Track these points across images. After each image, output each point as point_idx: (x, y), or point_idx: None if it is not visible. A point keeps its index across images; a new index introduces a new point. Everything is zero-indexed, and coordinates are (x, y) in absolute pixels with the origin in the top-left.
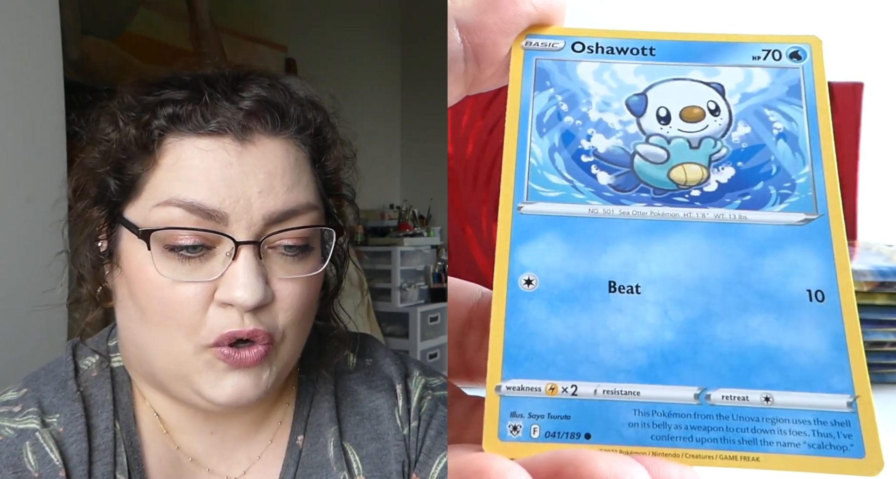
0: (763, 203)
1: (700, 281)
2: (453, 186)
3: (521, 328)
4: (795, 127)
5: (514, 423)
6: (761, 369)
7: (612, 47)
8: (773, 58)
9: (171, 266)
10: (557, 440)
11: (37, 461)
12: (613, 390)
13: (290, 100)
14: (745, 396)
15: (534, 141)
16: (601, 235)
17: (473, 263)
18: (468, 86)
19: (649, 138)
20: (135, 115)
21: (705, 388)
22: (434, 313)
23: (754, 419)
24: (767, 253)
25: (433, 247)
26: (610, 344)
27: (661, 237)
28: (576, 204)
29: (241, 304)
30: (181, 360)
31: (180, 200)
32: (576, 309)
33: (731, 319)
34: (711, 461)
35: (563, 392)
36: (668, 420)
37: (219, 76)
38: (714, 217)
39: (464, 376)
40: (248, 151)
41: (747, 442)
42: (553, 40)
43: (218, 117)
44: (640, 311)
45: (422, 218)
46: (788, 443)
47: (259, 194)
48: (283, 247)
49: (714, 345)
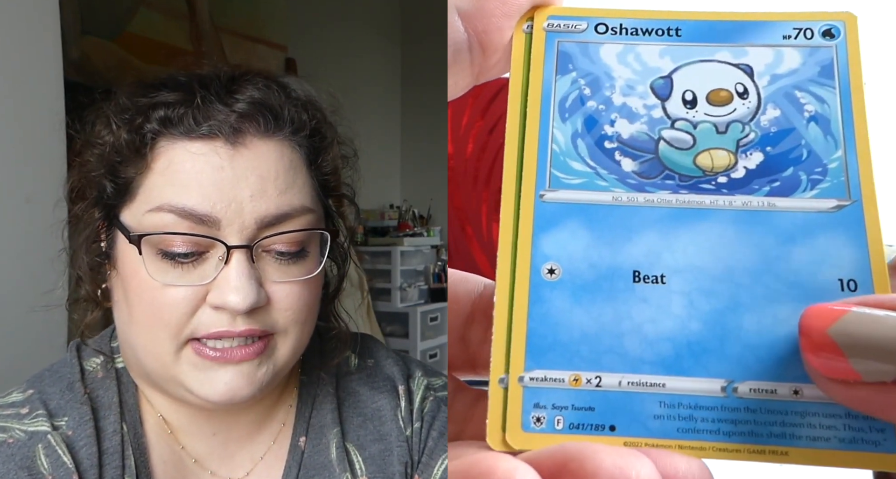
0: (793, 190)
1: (727, 271)
2: (453, 186)
3: (545, 319)
4: (828, 109)
5: (537, 414)
6: (790, 362)
7: (636, 28)
8: (804, 36)
9: (163, 270)
10: (581, 431)
11: (50, 464)
12: (638, 382)
13: (284, 101)
14: (774, 389)
15: (556, 127)
16: (625, 223)
17: (473, 263)
18: (475, 75)
19: (675, 123)
20: (128, 117)
21: (732, 380)
22: (434, 312)
23: (783, 412)
24: (797, 241)
25: (433, 247)
26: (635, 335)
27: (687, 226)
28: (599, 192)
29: (233, 308)
30: (165, 360)
31: (172, 205)
32: (599, 299)
33: (759, 309)
34: (739, 454)
35: (587, 383)
36: (695, 413)
37: (213, 77)
38: (742, 205)
39: (468, 369)
40: (239, 153)
41: (776, 436)
42: (576, 22)
43: (210, 120)
44: (666, 301)
45: (422, 218)
46: (818, 437)
47: (251, 198)
48: (276, 252)
49: (742, 336)
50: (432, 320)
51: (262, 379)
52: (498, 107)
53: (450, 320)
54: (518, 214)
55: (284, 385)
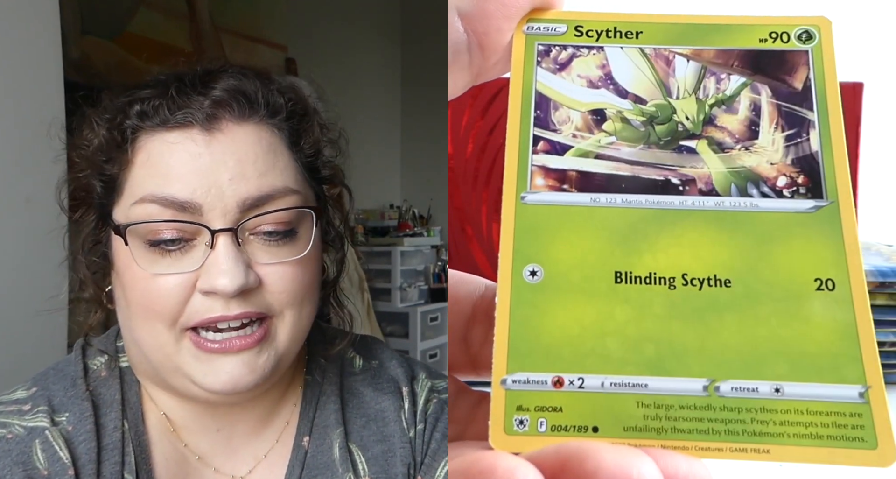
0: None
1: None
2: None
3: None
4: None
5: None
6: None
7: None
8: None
9: (152, 260)
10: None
11: (46, 459)
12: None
13: (259, 86)
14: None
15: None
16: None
17: (473, 263)
18: (474, 76)
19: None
20: (109, 116)
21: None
22: (434, 313)
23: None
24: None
25: (433, 247)
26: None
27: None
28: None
29: (222, 290)
30: (168, 351)
31: (154, 195)
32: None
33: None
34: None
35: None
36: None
37: (190, 72)
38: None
39: (470, 370)
40: (215, 139)
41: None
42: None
43: (184, 109)
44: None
45: (422, 218)
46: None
47: (230, 181)
48: (264, 233)
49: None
50: (432, 320)
51: (265, 366)
52: (498, 107)
53: (451, 321)
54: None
55: (289, 383)
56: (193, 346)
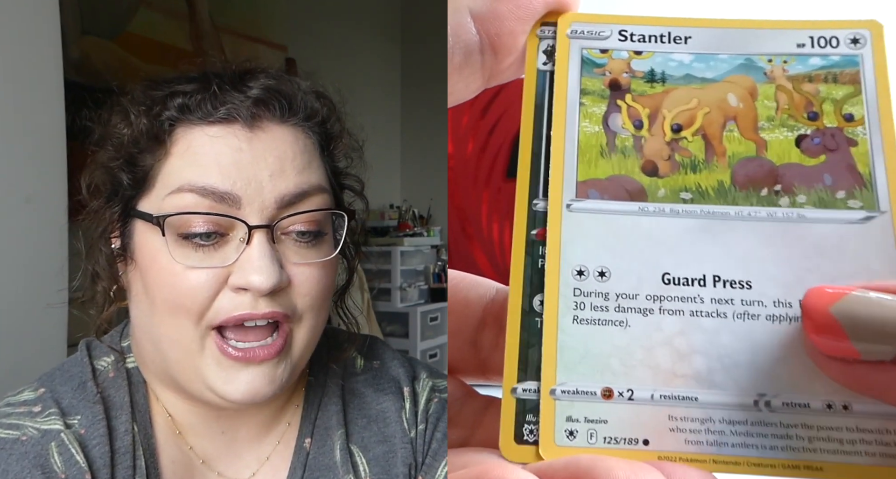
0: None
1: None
2: (453, 186)
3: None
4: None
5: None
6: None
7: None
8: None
9: (184, 253)
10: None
11: (63, 462)
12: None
13: (296, 89)
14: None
15: None
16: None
17: (473, 263)
18: (486, 78)
19: None
20: (145, 108)
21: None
22: (434, 312)
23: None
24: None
25: (433, 247)
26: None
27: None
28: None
29: (256, 287)
30: (191, 348)
31: (192, 184)
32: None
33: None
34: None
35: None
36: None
37: (227, 70)
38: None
39: (478, 374)
40: (257, 136)
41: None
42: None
43: (227, 105)
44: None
45: (422, 218)
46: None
47: (270, 178)
48: (296, 233)
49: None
50: (432, 320)
51: (282, 377)
52: (498, 107)
53: (458, 324)
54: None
55: (293, 386)
56: (217, 350)
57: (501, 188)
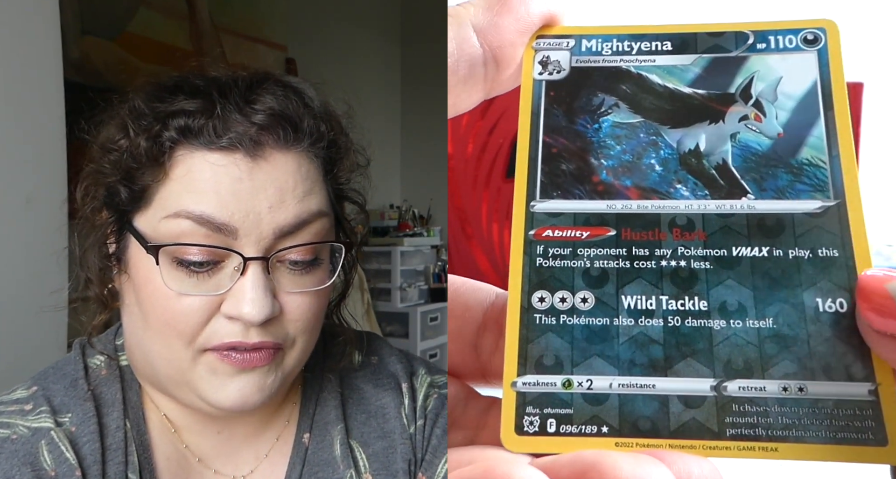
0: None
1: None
2: (453, 186)
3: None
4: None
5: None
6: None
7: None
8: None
9: (178, 279)
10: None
11: (53, 459)
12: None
13: (303, 112)
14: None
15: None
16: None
17: (473, 263)
18: (488, 90)
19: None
20: (146, 124)
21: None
22: (434, 312)
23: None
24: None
25: (433, 247)
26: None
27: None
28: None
29: (248, 320)
30: (182, 367)
31: (189, 212)
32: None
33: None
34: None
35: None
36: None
37: (232, 84)
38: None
39: (479, 378)
40: (259, 166)
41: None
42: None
43: (230, 133)
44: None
45: (422, 218)
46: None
47: (269, 210)
48: (290, 261)
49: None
50: (432, 320)
51: (272, 386)
52: (498, 107)
53: (460, 328)
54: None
55: (290, 384)
56: (216, 359)
57: (501, 189)
